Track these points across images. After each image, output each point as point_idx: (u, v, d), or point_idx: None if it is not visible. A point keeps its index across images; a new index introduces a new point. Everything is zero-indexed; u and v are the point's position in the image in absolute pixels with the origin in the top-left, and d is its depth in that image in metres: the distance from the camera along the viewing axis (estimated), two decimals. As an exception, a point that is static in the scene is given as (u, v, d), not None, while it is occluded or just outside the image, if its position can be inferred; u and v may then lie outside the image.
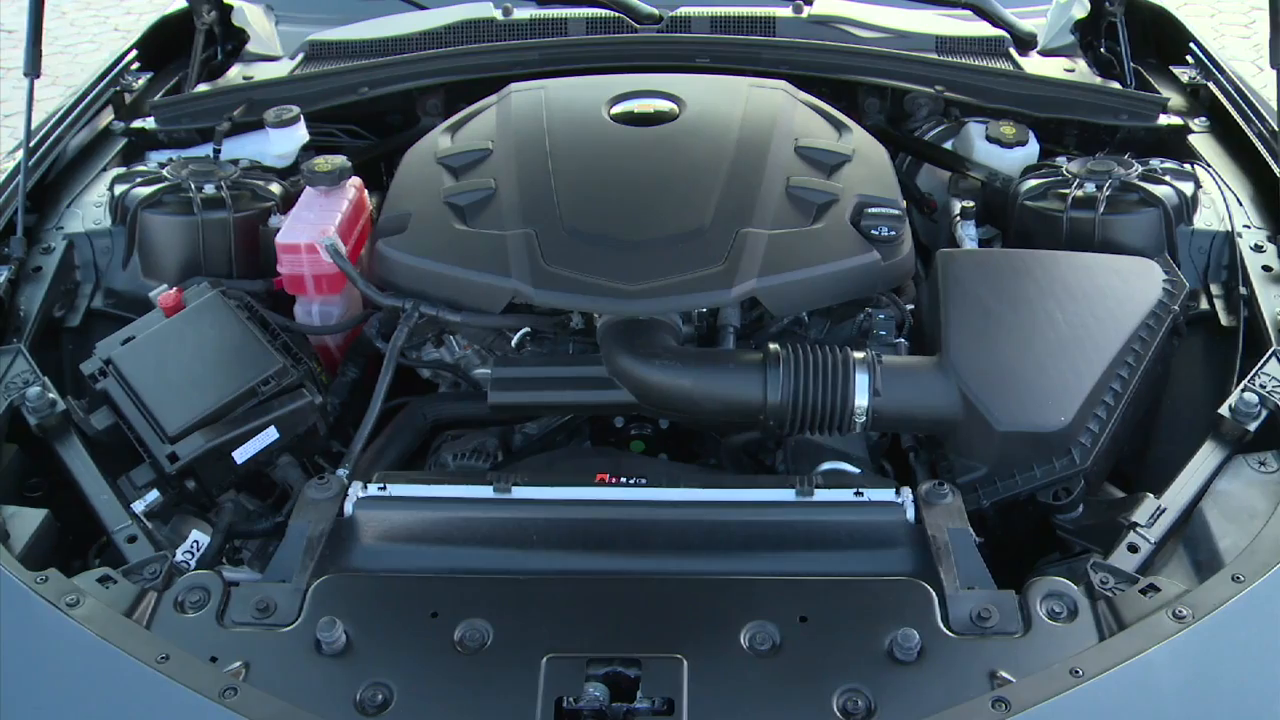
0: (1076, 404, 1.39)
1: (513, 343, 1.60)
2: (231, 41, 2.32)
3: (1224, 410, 1.41)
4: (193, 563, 1.36)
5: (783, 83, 1.84)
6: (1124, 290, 1.53)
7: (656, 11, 2.23)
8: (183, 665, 1.09)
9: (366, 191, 1.83)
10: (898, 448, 1.56)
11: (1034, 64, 2.21)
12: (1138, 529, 1.30)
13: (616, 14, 2.23)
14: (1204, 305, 1.67)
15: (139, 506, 1.39)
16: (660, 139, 1.65)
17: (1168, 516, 1.31)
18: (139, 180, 1.81)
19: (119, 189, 1.81)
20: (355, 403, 1.63)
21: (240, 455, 1.44)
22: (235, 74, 2.24)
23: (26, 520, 1.33)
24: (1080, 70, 2.19)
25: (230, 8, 2.29)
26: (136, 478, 1.43)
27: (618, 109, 1.71)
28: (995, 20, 2.30)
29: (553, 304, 1.48)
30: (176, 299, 1.57)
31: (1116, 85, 2.12)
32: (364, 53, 2.25)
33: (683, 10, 2.26)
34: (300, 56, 2.28)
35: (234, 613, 1.17)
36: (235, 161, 1.87)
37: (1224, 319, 1.64)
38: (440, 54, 2.14)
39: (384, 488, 1.32)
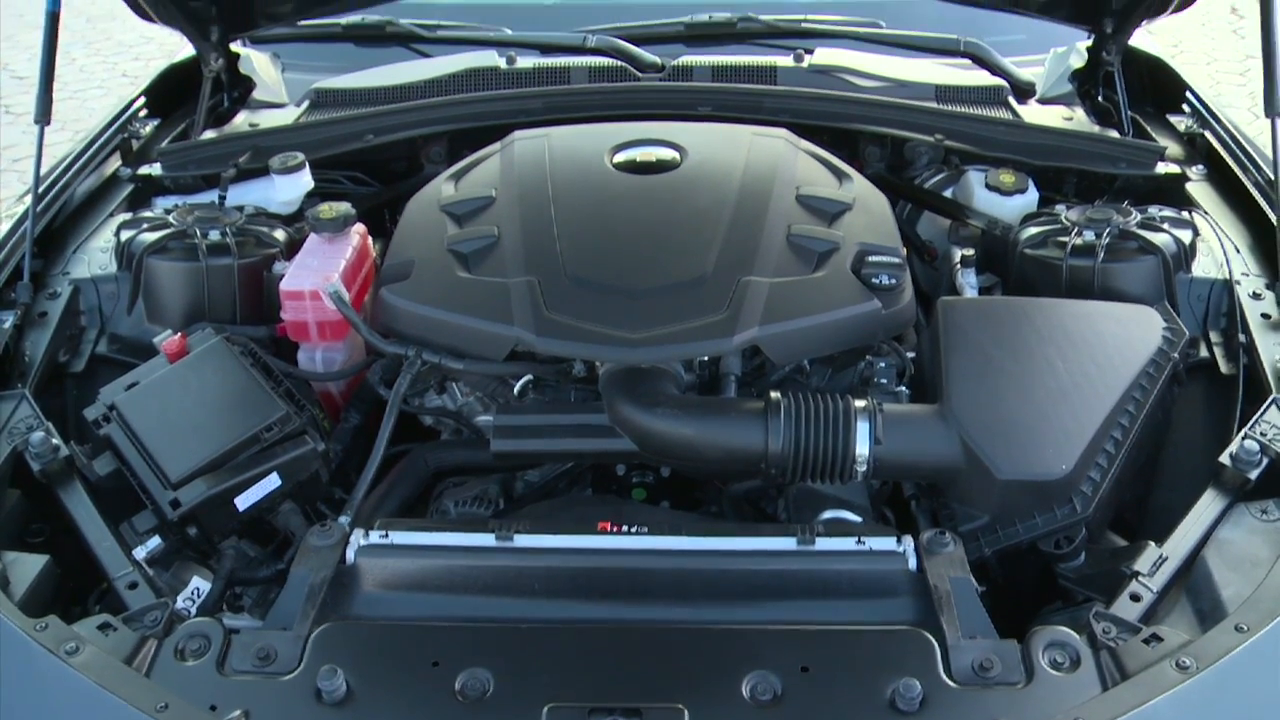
0: (1078, 452, 1.40)
1: (515, 390, 1.62)
2: (238, 89, 2.36)
3: (1225, 458, 1.42)
4: (193, 610, 1.37)
5: (784, 131, 1.89)
6: (1124, 338, 1.56)
7: (658, 60, 2.29)
8: (183, 714, 1.09)
9: (370, 238, 1.87)
10: (899, 496, 1.57)
11: (1033, 112, 2.25)
12: (1140, 578, 1.31)
13: (619, 63, 2.29)
14: (1203, 353, 1.69)
15: (140, 553, 1.40)
16: (662, 187, 1.69)
17: (1170, 565, 1.32)
18: (145, 226, 1.84)
19: (125, 235, 1.84)
20: (358, 449, 1.65)
21: (242, 502, 1.46)
22: (241, 121, 2.28)
23: (27, 566, 1.34)
24: (1078, 119, 2.23)
25: (237, 55, 2.34)
26: (138, 524, 1.44)
27: (620, 157, 1.75)
28: (994, 69, 2.36)
29: (555, 352, 1.50)
30: (180, 345, 1.59)
31: (1114, 133, 2.16)
32: (369, 100, 2.30)
33: (684, 59, 2.32)
34: (306, 104, 2.33)
35: (234, 661, 1.18)
36: (240, 208, 1.91)
37: (1224, 366, 1.66)
38: (444, 102, 2.19)
39: (386, 535, 1.33)
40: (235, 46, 2.34)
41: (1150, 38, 2.45)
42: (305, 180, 1.98)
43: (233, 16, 2.20)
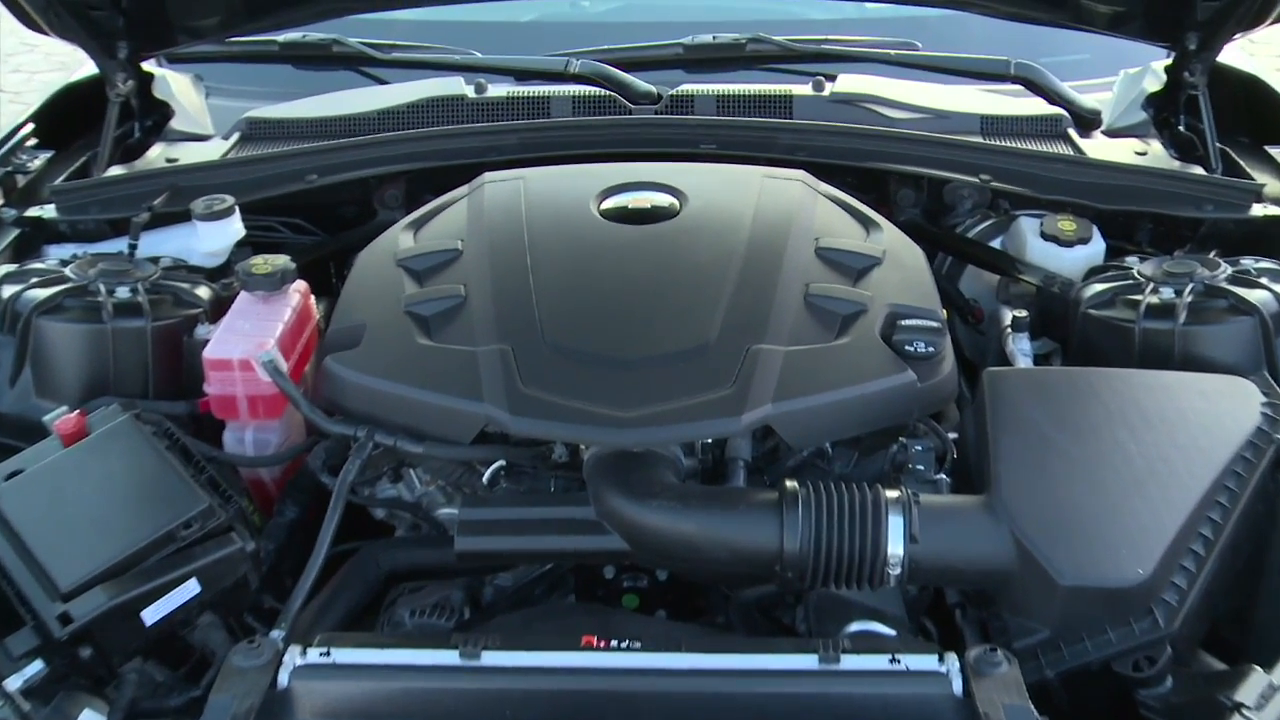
0: (1157, 553, 1.40)
1: (484, 478, 1.65)
2: (152, 116, 2.38)
3: (1345, 563, 1.43)
4: (82, 755, 1.35)
5: (801, 173, 1.94)
6: (1212, 415, 1.57)
7: (653, 89, 2.33)
8: None
9: (313, 298, 1.91)
10: (941, 604, 1.59)
11: (1098, 146, 2.29)
12: (1244, 710, 1.29)
13: (607, 92, 2.33)
14: None
15: (14, 683, 1.35)
16: (658, 239, 1.74)
17: (1283, 696, 1.32)
18: (34, 280, 1.84)
19: (8, 290, 1.83)
20: (294, 549, 1.67)
21: (151, 615, 1.44)
22: (156, 155, 2.31)
23: None
24: (1154, 153, 2.26)
25: (151, 76, 2.36)
26: (14, 645, 1.40)
27: (609, 204, 1.81)
28: (1051, 96, 2.39)
29: (532, 433, 1.53)
30: (79, 424, 1.60)
31: (1199, 170, 2.18)
32: (312, 133, 2.34)
33: (684, 88, 2.37)
34: (236, 136, 2.36)
35: (137, 815, 1.17)
36: (155, 260, 1.93)
37: None
38: (402, 137, 2.24)
39: (327, 653, 1.34)
40: (149, 66, 2.37)
41: (1248, 50, 2.46)
42: (234, 227, 2.01)
43: (145, 31, 2.22)
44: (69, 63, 2.55)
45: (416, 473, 1.72)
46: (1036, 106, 2.40)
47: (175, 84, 2.45)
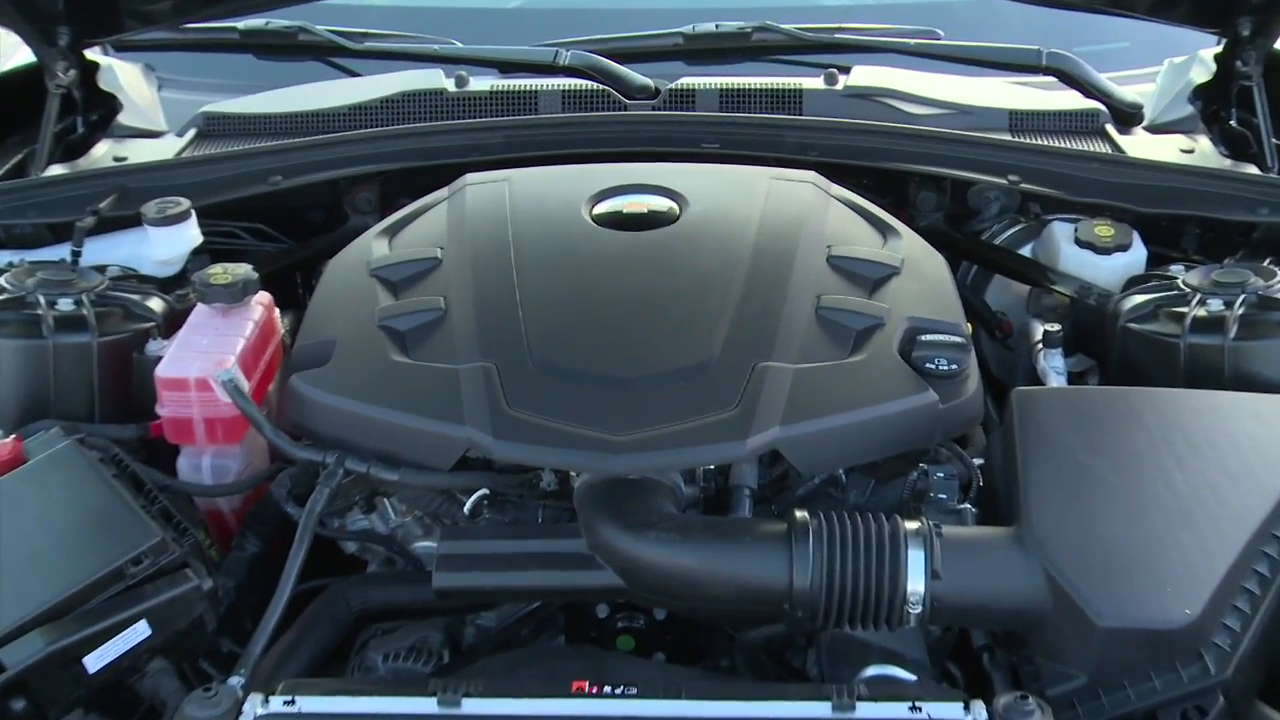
0: (1207, 592, 1.40)
1: (466, 508, 1.66)
2: (97, 110, 2.38)
3: None
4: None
5: (811, 174, 1.96)
6: (1267, 439, 1.57)
7: (650, 83, 2.34)
8: None
9: (277, 311, 1.91)
10: (967, 646, 1.59)
11: (1139, 144, 2.29)
12: None
13: (601, 86, 2.34)
14: None
15: None
16: (655, 247, 1.75)
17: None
18: None
19: None
20: (256, 587, 1.68)
21: (95, 661, 1.43)
22: (103, 153, 2.30)
23: None
24: (1202, 150, 2.27)
25: (95, 65, 2.36)
26: None
27: (602, 208, 1.82)
28: (1087, 88, 2.39)
29: (518, 459, 1.54)
30: (16, 450, 1.61)
31: (1252, 169, 2.19)
32: (276, 130, 2.36)
33: (685, 81, 2.38)
34: (192, 133, 2.37)
35: None
36: (102, 269, 1.94)
37: None
38: (375, 135, 2.25)
39: (292, 701, 1.34)
40: (93, 54, 2.36)
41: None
42: (190, 233, 2.03)
43: (89, 14, 2.22)
44: (2, 49, 2.55)
45: (391, 502, 1.73)
46: (1071, 100, 2.40)
47: (123, 74, 2.45)
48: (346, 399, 1.61)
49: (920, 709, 1.32)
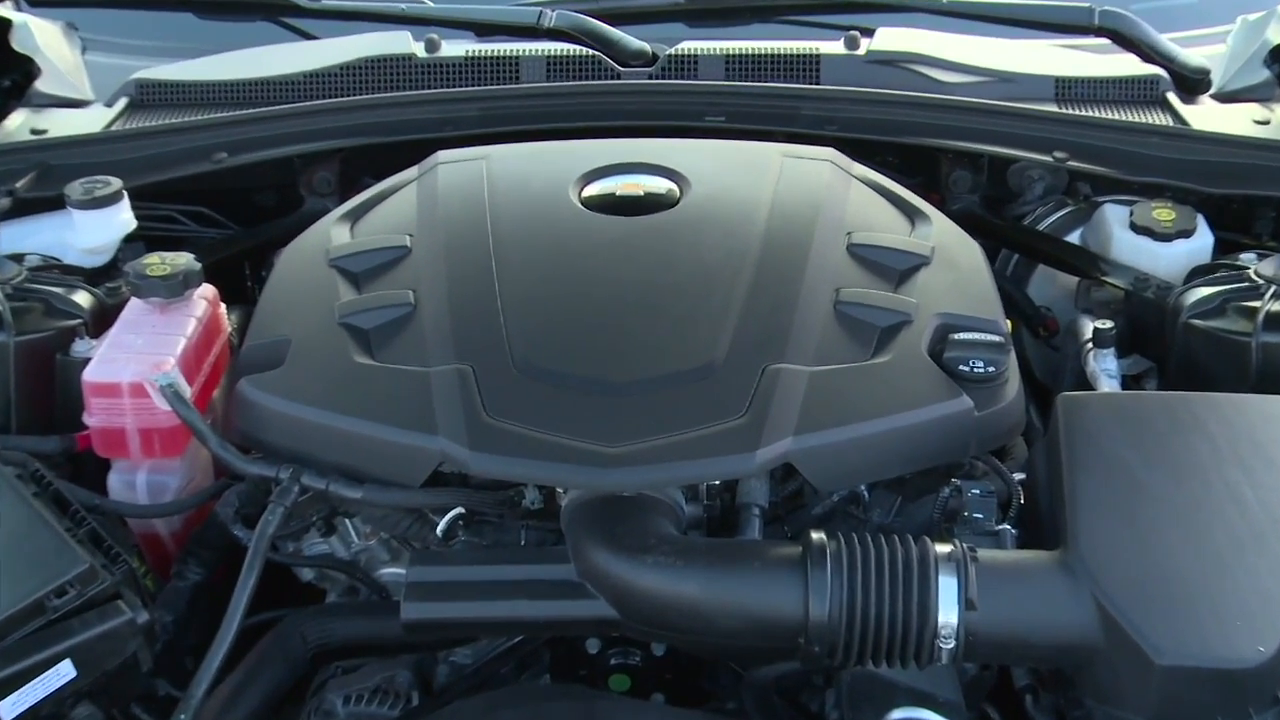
0: (1282, 627, 1.41)
1: (438, 530, 1.66)
2: (11, 74, 2.39)
3: None
4: None
5: (830, 151, 1.97)
6: (1354, 455, 1.58)
7: (647, 48, 2.35)
8: None
9: (224, 306, 1.92)
10: (1007, 687, 1.60)
11: (1205, 114, 2.28)
12: None
13: (591, 51, 2.34)
14: None
15: None
16: (653, 234, 1.76)
17: None
18: None
19: None
20: (198, 620, 1.69)
21: (11, 707, 1.43)
22: (18, 124, 2.29)
23: None
24: (1278, 120, 2.26)
25: (8, 23, 2.36)
26: None
27: (592, 190, 1.83)
28: (1146, 51, 2.37)
29: (497, 473, 1.55)
30: (-81, 466, 1.62)
31: None
32: (220, 100, 2.35)
33: (686, 46, 2.38)
34: (122, 102, 2.36)
35: None
36: (19, 257, 1.95)
37: None
38: (334, 106, 2.26)
39: (240, 750, 1.36)
40: (5, 10, 2.37)
41: None
42: (122, 218, 2.03)
43: None
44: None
45: (353, 523, 1.74)
46: (1127, 65, 2.40)
47: (41, 34, 2.44)
48: (302, 406, 1.62)
49: (953, 756, 1.33)
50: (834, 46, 2.40)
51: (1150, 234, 2.05)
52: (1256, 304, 1.82)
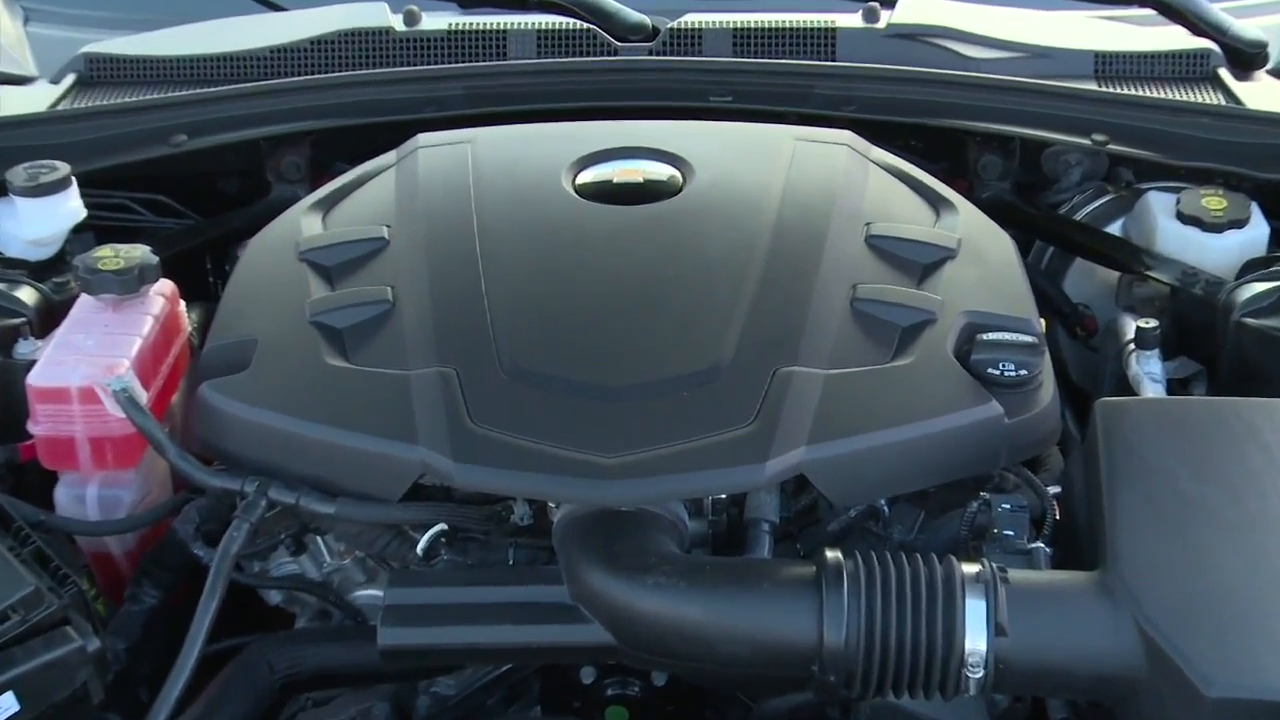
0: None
1: (419, 548, 1.66)
2: None
3: None
4: None
5: (847, 134, 1.98)
6: None
7: (647, 21, 2.36)
8: None
9: (183, 304, 1.92)
10: (1043, 719, 1.61)
11: (1261, 91, 2.30)
12: None
13: (586, 25, 2.35)
14: None
15: None
16: (654, 225, 1.77)
17: None
18: None
19: None
20: (154, 648, 1.69)
21: None
22: None
23: None
24: None
25: None
26: None
27: (586, 177, 1.84)
28: (1195, 23, 2.38)
29: (483, 486, 1.55)
30: None
31: None
32: (179, 77, 2.37)
33: (689, 19, 2.39)
34: (70, 79, 2.36)
35: None
36: (-44, 250, 1.96)
37: None
38: (305, 84, 2.27)
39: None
40: None
41: None
42: (70, 206, 2.03)
43: None
44: None
45: (326, 541, 1.74)
46: (1174, 38, 2.42)
47: (-23, 5, 2.47)
48: (270, 412, 1.63)
49: (983, 796, 1.34)
50: (851, 19, 2.41)
51: (1199, 224, 2.05)
52: None
